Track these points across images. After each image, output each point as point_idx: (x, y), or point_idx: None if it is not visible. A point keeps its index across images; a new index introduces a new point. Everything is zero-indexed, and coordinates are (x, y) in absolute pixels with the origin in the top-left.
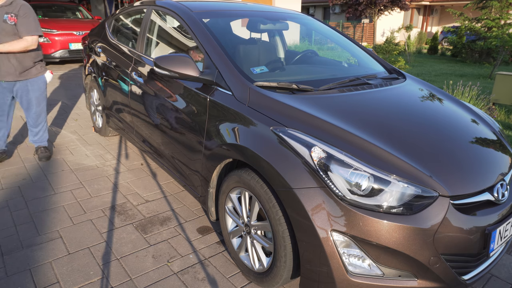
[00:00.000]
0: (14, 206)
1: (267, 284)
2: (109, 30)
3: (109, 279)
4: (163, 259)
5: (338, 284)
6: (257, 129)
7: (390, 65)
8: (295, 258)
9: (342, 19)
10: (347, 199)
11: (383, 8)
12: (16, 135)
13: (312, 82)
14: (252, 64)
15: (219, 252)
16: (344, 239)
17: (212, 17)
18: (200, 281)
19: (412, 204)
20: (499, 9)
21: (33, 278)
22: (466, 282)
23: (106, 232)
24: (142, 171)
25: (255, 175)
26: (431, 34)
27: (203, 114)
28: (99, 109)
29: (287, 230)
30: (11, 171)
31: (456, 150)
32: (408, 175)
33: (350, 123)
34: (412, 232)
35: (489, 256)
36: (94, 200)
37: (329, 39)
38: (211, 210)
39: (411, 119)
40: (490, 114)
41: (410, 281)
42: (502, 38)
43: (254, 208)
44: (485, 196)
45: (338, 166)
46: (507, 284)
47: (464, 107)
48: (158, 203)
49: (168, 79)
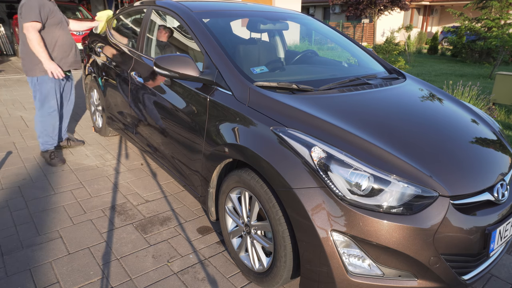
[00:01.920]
0: (14, 206)
1: (267, 284)
2: (109, 30)
3: (109, 279)
4: (163, 259)
5: (338, 284)
6: (257, 129)
7: (390, 65)
8: (295, 258)
9: (342, 19)
10: (347, 199)
11: (383, 8)
12: (16, 135)
13: (312, 82)
14: (252, 64)
15: (219, 252)
16: (344, 239)
17: (212, 17)
18: (200, 281)
19: (412, 204)
20: (499, 9)
21: (33, 278)
22: (466, 282)
23: (106, 232)
24: (142, 171)
25: (255, 175)
26: (431, 34)
27: (203, 114)
28: (99, 109)
29: (287, 230)
30: (11, 171)
31: (456, 150)
32: (408, 175)
33: (350, 123)
34: (412, 232)
35: (489, 256)
36: (94, 200)
37: (329, 39)
38: (211, 210)
39: (411, 119)
40: (490, 114)
41: (410, 281)
42: (502, 38)
43: (254, 208)
44: (485, 196)
45: (338, 166)
46: (507, 284)
47: (464, 107)
48: (158, 203)
49: (168, 79)
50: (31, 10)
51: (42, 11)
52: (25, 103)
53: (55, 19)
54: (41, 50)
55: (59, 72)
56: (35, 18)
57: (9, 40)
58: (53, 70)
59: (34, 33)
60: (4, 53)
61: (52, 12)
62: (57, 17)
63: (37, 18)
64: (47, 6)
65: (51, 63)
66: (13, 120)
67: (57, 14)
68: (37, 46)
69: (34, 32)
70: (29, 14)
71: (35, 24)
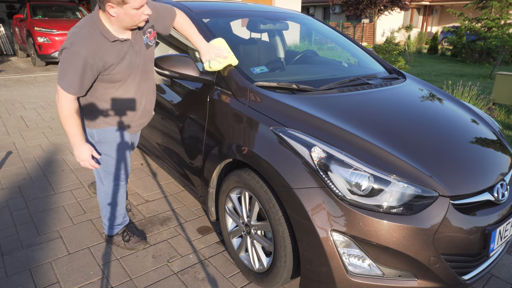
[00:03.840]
0: (14, 206)
1: (267, 284)
2: None
3: (109, 279)
4: (163, 259)
5: (338, 284)
6: (257, 129)
7: (390, 65)
8: (295, 258)
9: (342, 19)
10: (347, 199)
11: (383, 8)
12: (16, 135)
13: (312, 82)
14: (252, 64)
15: (219, 252)
16: (344, 239)
17: (212, 17)
18: (200, 281)
19: (412, 204)
20: (499, 9)
21: (33, 278)
22: (466, 282)
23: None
24: (142, 171)
25: (255, 175)
26: (431, 34)
27: (203, 114)
28: None
29: (287, 230)
30: (11, 171)
31: (456, 150)
32: (408, 175)
33: (350, 123)
34: (412, 232)
35: (489, 256)
36: (94, 200)
37: (329, 39)
38: (211, 210)
39: (411, 119)
40: (490, 114)
41: (410, 281)
42: (502, 38)
43: (254, 208)
44: (485, 196)
45: (338, 166)
46: (507, 284)
47: (464, 107)
48: (158, 203)
49: (168, 79)
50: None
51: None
52: (25, 103)
53: (121, 74)
54: (71, 127)
55: (90, 165)
56: (70, 87)
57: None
58: (80, 162)
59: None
60: (4, 53)
61: (117, 64)
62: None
63: (74, 87)
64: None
65: (82, 149)
66: (13, 120)
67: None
68: (67, 120)
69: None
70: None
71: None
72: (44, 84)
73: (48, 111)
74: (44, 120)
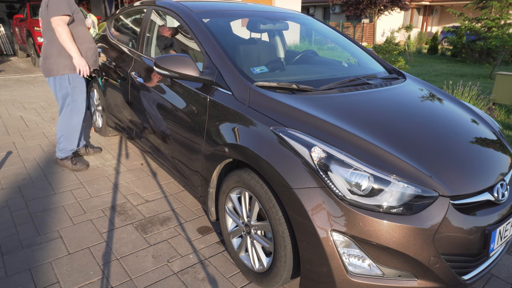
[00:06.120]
0: (14, 206)
1: (267, 284)
2: (109, 30)
3: (109, 279)
4: (163, 259)
5: (338, 284)
6: (257, 129)
7: (390, 65)
8: (295, 258)
9: (342, 19)
10: (347, 199)
11: (383, 8)
12: (16, 135)
13: (312, 82)
14: (252, 64)
15: (219, 252)
16: (344, 239)
17: (212, 17)
18: (200, 281)
19: (412, 204)
20: (499, 9)
21: (33, 278)
22: (466, 282)
23: (106, 232)
24: (142, 171)
25: (255, 175)
26: (431, 34)
27: (203, 114)
28: (99, 109)
29: (287, 230)
30: (11, 171)
31: (456, 150)
32: (408, 175)
33: (350, 123)
34: (412, 232)
35: (489, 256)
36: (94, 200)
37: (329, 39)
38: (211, 210)
39: (411, 119)
40: (490, 114)
41: (410, 281)
42: (502, 38)
43: (254, 208)
44: (485, 196)
45: (338, 166)
46: (507, 284)
47: (464, 107)
48: (158, 203)
49: (168, 79)
50: (60, 2)
51: (70, 4)
52: (25, 103)
53: (79, 15)
54: (72, 45)
55: (87, 71)
56: (65, 11)
57: (9, 40)
58: (82, 67)
59: (64, 27)
60: (4, 53)
61: (76, 8)
62: (80, 13)
63: (67, 11)
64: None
65: (82, 60)
66: (13, 120)
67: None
68: (68, 40)
69: (64, 26)
70: (58, 7)
71: (65, 18)
72: (44, 84)
73: (48, 111)
74: (44, 120)
